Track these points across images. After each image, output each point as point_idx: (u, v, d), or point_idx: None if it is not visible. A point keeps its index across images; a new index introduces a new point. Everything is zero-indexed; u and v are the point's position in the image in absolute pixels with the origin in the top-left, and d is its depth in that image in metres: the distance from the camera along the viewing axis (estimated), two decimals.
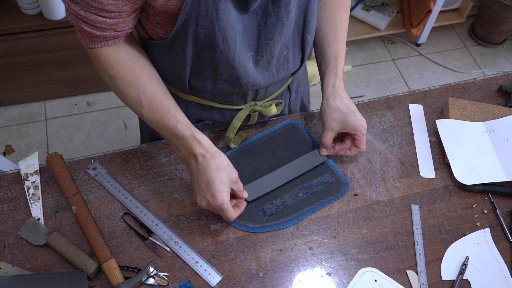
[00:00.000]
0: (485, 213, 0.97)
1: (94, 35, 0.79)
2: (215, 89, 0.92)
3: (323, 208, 0.95)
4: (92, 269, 0.82)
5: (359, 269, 0.88)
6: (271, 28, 0.83)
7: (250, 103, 0.99)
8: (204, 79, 0.90)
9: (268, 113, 0.97)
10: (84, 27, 0.77)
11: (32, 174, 0.94)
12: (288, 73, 0.97)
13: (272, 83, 0.96)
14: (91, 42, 0.81)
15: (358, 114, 0.94)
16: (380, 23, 2.44)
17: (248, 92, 0.95)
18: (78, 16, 0.75)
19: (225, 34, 0.79)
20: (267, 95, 1.00)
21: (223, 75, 0.87)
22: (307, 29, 0.90)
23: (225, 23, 0.78)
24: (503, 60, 2.64)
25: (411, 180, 1.00)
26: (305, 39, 0.92)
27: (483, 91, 1.17)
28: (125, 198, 0.93)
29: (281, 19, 0.82)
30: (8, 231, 0.88)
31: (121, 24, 0.78)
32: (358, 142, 0.96)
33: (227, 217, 0.84)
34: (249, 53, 0.86)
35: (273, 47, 0.87)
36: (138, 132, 2.17)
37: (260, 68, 0.90)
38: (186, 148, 0.84)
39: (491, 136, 1.04)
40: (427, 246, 0.91)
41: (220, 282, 0.85)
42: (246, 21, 0.82)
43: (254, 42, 0.85)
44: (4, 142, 2.10)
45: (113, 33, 0.79)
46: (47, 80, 2.14)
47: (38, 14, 1.90)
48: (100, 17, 0.75)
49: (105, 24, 0.76)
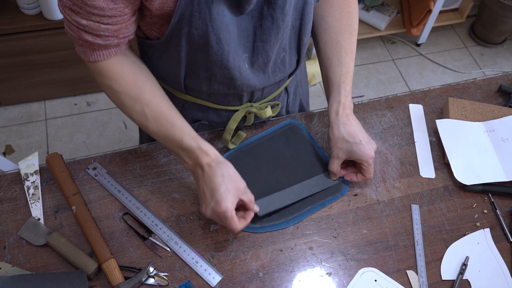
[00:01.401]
0: (485, 213, 0.97)
1: (97, 45, 0.78)
2: (210, 89, 0.92)
3: (323, 208, 0.95)
4: (92, 269, 0.82)
5: (359, 269, 0.88)
6: (266, 30, 0.83)
7: (246, 104, 0.99)
8: (199, 79, 0.90)
9: (263, 115, 0.97)
10: (86, 37, 0.76)
11: (32, 174, 0.94)
12: (285, 75, 0.97)
13: (268, 85, 0.95)
14: (93, 55, 0.80)
15: (365, 143, 0.91)
16: (380, 23, 2.44)
17: (243, 94, 0.95)
18: (80, 26, 0.75)
19: (219, 35, 0.79)
20: (263, 96, 1.00)
21: (218, 76, 0.87)
22: (304, 31, 0.90)
23: (219, 24, 0.78)
24: (503, 60, 2.64)
25: (411, 180, 1.00)
26: (301, 41, 0.92)
27: (483, 91, 1.17)
28: (125, 198, 0.93)
29: (276, 22, 0.82)
30: (8, 231, 0.88)
31: (123, 30, 0.78)
32: (364, 171, 0.94)
33: (231, 227, 0.81)
34: (244, 54, 0.86)
35: (269, 50, 0.87)
36: (138, 132, 2.17)
37: (256, 70, 0.90)
38: (193, 159, 0.83)
39: (491, 136, 1.04)
40: (427, 246, 0.91)
41: (220, 282, 0.85)
42: (242, 23, 0.82)
43: (249, 44, 0.85)
44: (4, 142, 2.10)
45: (116, 41, 0.79)
46: (47, 80, 2.14)
47: (38, 14, 1.90)
48: (103, 24, 0.75)
49: (108, 31, 0.76)
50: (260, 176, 0.97)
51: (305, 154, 1.01)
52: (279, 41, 0.87)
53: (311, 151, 1.01)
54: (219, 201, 0.80)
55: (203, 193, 0.83)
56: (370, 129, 1.07)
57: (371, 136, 1.06)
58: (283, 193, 0.95)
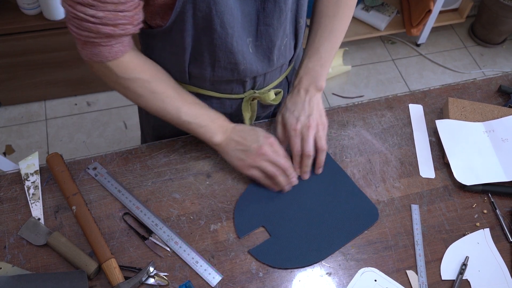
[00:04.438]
0: (485, 213, 0.97)
1: (115, 37, 0.77)
2: (214, 76, 0.92)
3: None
4: (92, 269, 0.82)
5: (359, 269, 0.88)
6: (269, 13, 0.84)
7: (249, 92, 0.99)
8: (203, 66, 0.90)
9: (267, 99, 0.99)
10: (106, 30, 0.75)
11: (32, 174, 0.94)
12: (285, 60, 0.98)
13: (271, 70, 0.96)
14: (111, 52, 0.79)
15: (296, 114, 0.95)
16: (380, 23, 2.44)
17: (246, 80, 0.95)
18: (97, 20, 0.73)
19: (223, 18, 0.80)
20: (265, 83, 1.00)
21: (222, 61, 0.88)
22: (300, 13, 0.91)
23: (222, 7, 0.78)
24: (503, 60, 2.64)
25: (411, 180, 1.00)
26: (298, 24, 0.93)
27: (483, 91, 1.17)
28: (125, 198, 0.93)
29: (278, 4, 0.83)
30: (8, 231, 0.88)
31: (137, 16, 0.77)
32: (290, 142, 0.97)
33: (283, 160, 0.91)
34: (248, 38, 0.87)
35: (273, 34, 0.87)
36: (138, 132, 2.17)
37: (260, 54, 0.91)
38: (222, 126, 0.93)
39: (491, 136, 1.04)
40: (427, 246, 0.91)
41: (220, 282, 0.85)
42: (245, 7, 0.83)
43: (253, 28, 0.86)
44: (4, 142, 2.11)
45: (133, 29, 0.79)
46: (47, 80, 2.14)
47: (38, 14, 1.90)
48: (120, 12, 0.74)
49: (125, 18, 0.75)
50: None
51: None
52: (282, 25, 0.87)
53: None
54: (264, 134, 0.92)
55: (244, 140, 0.91)
56: (370, 129, 1.07)
57: (371, 136, 1.06)
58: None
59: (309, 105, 0.95)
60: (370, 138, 1.06)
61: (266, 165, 0.91)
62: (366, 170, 1.01)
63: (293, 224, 0.91)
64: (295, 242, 0.89)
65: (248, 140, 0.91)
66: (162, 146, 1.01)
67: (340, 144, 1.04)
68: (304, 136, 0.94)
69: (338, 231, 0.91)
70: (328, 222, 0.91)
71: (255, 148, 0.90)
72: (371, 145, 1.05)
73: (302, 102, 0.96)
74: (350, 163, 1.02)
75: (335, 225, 0.91)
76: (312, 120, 0.94)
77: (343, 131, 1.06)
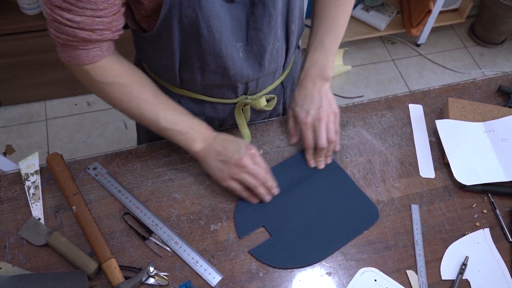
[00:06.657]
0: (484, 213, 0.97)
1: (92, 42, 0.78)
2: (204, 80, 0.92)
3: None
4: (92, 269, 0.82)
5: (359, 269, 0.88)
6: (258, 18, 0.84)
7: (241, 97, 0.99)
8: (193, 70, 0.90)
9: (258, 105, 0.98)
10: (82, 35, 0.76)
11: (32, 174, 0.95)
12: (277, 65, 0.97)
13: (262, 75, 0.96)
14: (88, 56, 0.80)
15: (306, 108, 0.97)
16: (380, 23, 2.44)
17: (237, 85, 0.95)
18: (74, 24, 0.74)
19: (209, 23, 0.80)
20: (258, 89, 1.00)
21: (211, 66, 0.88)
22: (291, 17, 0.90)
23: (208, 12, 0.78)
24: (503, 60, 2.64)
25: (411, 180, 1.00)
26: (289, 28, 0.92)
27: (483, 91, 1.17)
28: (125, 198, 0.93)
29: (267, 8, 0.83)
30: (8, 231, 0.88)
31: (115, 22, 0.78)
32: (302, 136, 0.98)
33: (260, 170, 0.89)
34: (238, 43, 0.87)
35: (263, 39, 0.87)
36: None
37: (251, 59, 0.90)
38: (203, 135, 0.92)
39: (491, 136, 1.05)
40: (426, 246, 0.91)
41: (220, 282, 0.85)
42: (234, 11, 0.82)
43: (243, 33, 0.86)
44: (4, 142, 2.11)
45: (110, 35, 0.79)
46: (48, 80, 2.14)
47: (38, 14, 1.90)
48: (97, 18, 0.75)
49: (102, 24, 0.76)
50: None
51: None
52: (273, 30, 0.87)
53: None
54: (248, 145, 0.90)
55: (225, 150, 0.89)
56: (370, 129, 1.08)
57: (371, 136, 1.06)
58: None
59: (318, 97, 0.97)
60: (370, 138, 1.06)
61: (246, 177, 0.89)
62: (366, 170, 1.01)
63: (293, 224, 0.91)
64: (295, 242, 0.89)
65: (229, 150, 0.90)
66: (162, 146, 1.01)
67: (340, 144, 1.04)
68: (316, 129, 0.96)
69: (338, 231, 0.91)
70: (328, 222, 0.92)
71: (236, 159, 0.88)
72: (371, 145, 1.05)
73: (311, 95, 0.97)
74: (350, 163, 1.02)
75: (335, 225, 0.91)
76: (322, 112, 0.96)
77: (343, 131, 1.06)
